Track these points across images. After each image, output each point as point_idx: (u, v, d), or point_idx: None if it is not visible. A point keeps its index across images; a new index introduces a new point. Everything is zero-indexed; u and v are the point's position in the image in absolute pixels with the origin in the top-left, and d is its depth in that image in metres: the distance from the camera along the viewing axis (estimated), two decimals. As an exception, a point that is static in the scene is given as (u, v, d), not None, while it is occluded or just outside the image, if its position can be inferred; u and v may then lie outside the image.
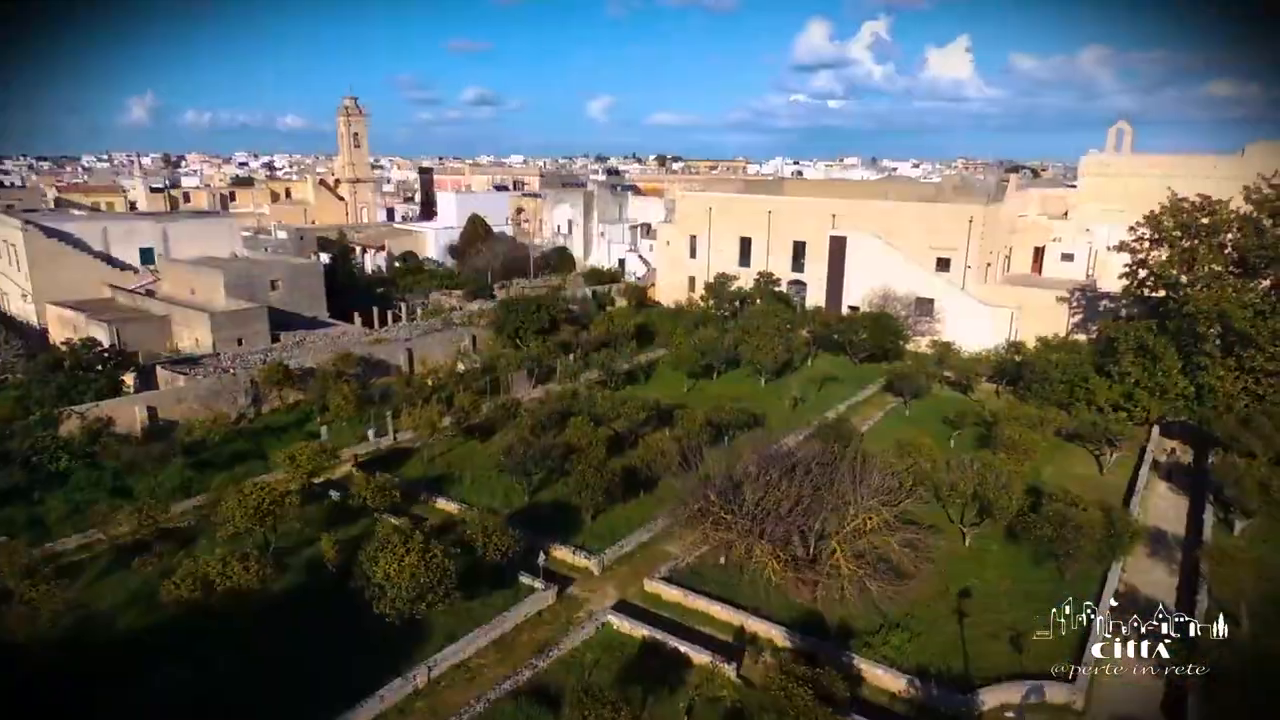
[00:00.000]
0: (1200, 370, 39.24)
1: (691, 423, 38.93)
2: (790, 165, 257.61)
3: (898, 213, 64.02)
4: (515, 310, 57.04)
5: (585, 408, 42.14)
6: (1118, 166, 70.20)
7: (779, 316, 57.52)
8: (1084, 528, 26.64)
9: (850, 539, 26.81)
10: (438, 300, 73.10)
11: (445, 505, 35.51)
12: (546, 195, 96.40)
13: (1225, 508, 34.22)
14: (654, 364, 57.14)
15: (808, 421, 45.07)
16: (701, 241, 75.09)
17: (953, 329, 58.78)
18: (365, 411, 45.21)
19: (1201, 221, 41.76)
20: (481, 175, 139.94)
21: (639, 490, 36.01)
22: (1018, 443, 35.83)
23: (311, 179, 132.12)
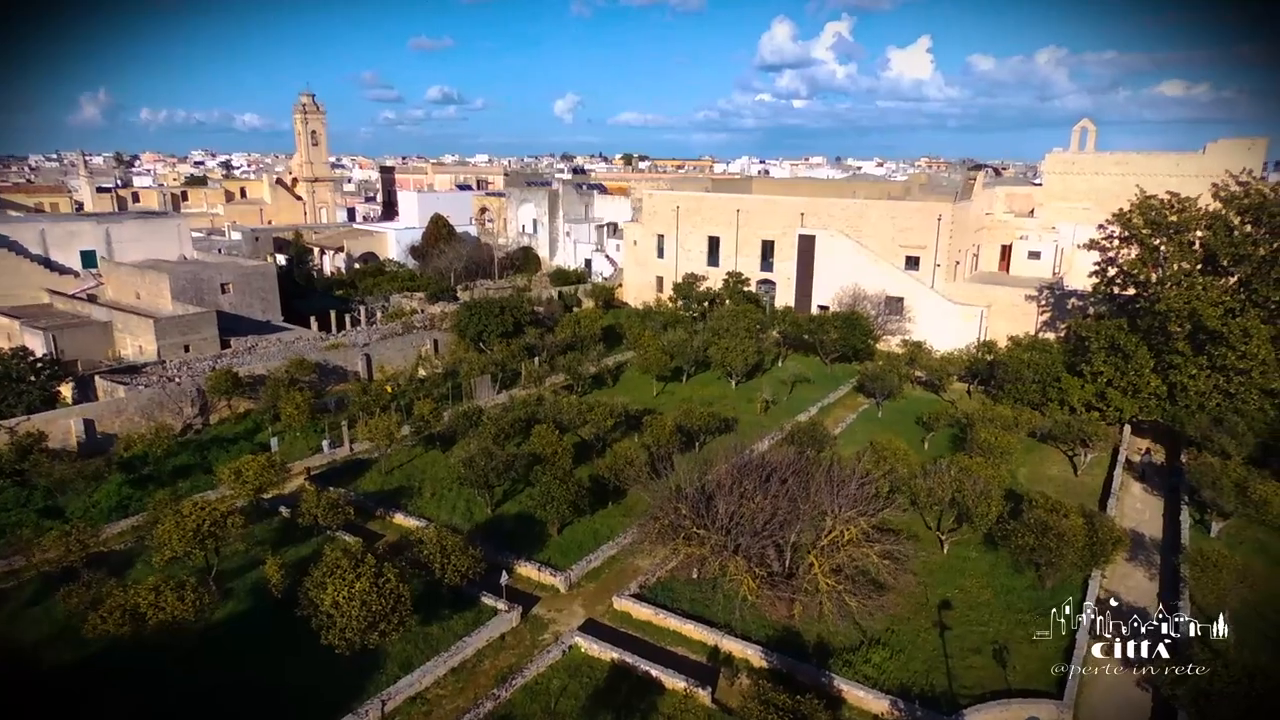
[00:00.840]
0: (1172, 369, 38.93)
1: (661, 429, 37.61)
2: (757, 164, 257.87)
3: (866, 211, 63.35)
4: (478, 313, 55.19)
5: (551, 414, 40.57)
6: (1082, 164, 70.41)
7: (749, 317, 56.44)
8: (1066, 536, 25.82)
9: (827, 551, 25.68)
10: (398, 303, 70.81)
11: (404, 520, 33.75)
12: (510, 194, 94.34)
13: (1201, 509, 33.89)
14: (622, 367, 55.76)
15: (780, 425, 44.03)
16: (669, 241, 73.85)
17: (923, 328, 58.25)
18: (320, 421, 43.17)
19: (1170, 219, 41.51)
20: (444, 174, 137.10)
21: (607, 500, 34.59)
22: (993, 446, 35.09)
23: (268, 178, 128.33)
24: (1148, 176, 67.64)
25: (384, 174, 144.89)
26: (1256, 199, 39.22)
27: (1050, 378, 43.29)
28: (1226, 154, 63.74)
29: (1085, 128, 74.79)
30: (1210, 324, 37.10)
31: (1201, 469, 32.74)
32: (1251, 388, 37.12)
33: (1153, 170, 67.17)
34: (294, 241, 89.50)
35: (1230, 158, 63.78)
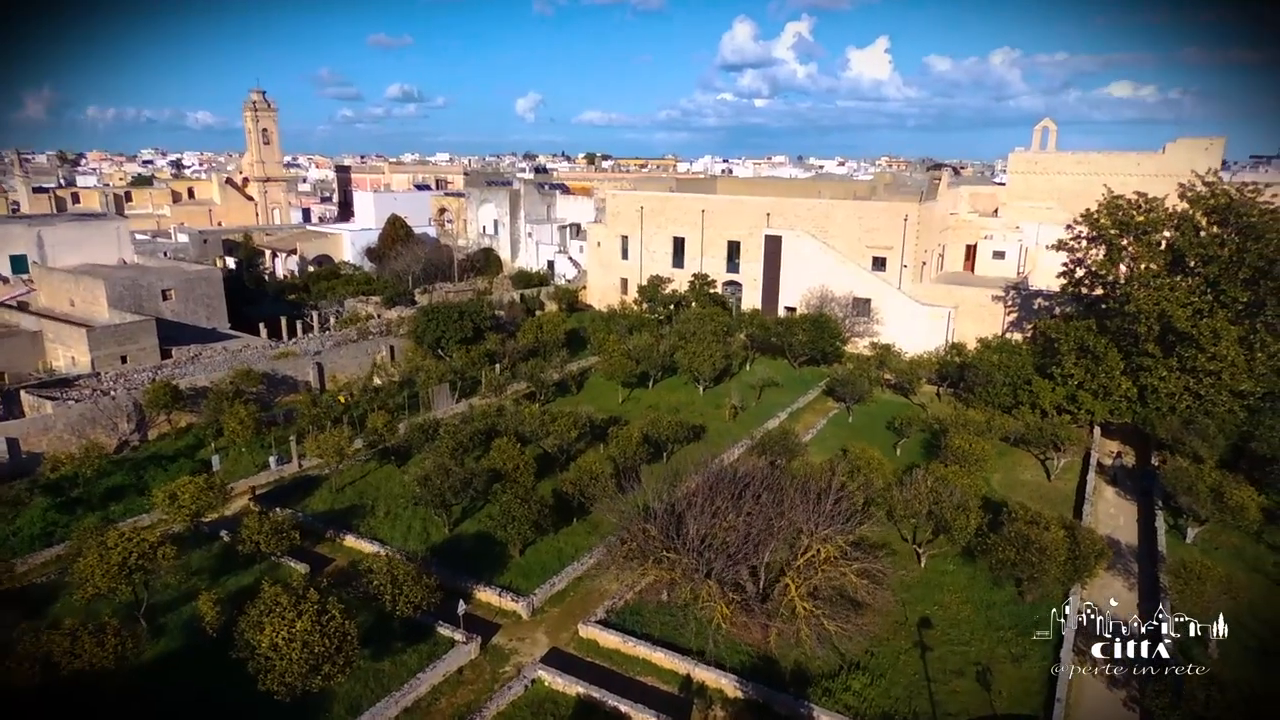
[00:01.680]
0: (1142, 371, 38.56)
1: (627, 441, 36.10)
2: (720, 163, 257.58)
3: (833, 211, 62.58)
4: (436, 318, 53.09)
5: (512, 425, 38.81)
6: (1044, 164, 70.63)
7: (715, 321, 55.23)
8: (1048, 550, 24.91)
9: (804, 572, 24.42)
10: (353, 308, 68.27)
11: (355, 543, 31.76)
12: (470, 194, 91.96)
13: (1175, 514, 33.44)
14: (587, 372, 54.12)
15: (750, 432, 42.87)
16: (633, 242, 72.39)
17: (891, 329, 57.63)
18: (267, 435, 40.85)
19: (1137, 220, 41.19)
20: (402, 174, 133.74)
21: (572, 516, 32.97)
22: (968, 453, 34.24)
23: (218, 178, 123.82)
24: (1109, 176, 68.07)
25: (340, 173, 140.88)
26: (1223, 199, 39.05)
27: (1021, 380, 42.75)
28: (1185, 153, 64.34)
29: (1046, 127, 75.13)
30: (1180, 325, 36.75)
31: (1176, 474, 32.22)
32: (1221, 389, 36.88)
33: (1114, 170, 67.60)
34: (243, 244, 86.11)
35: (1189, 157, 64.38)
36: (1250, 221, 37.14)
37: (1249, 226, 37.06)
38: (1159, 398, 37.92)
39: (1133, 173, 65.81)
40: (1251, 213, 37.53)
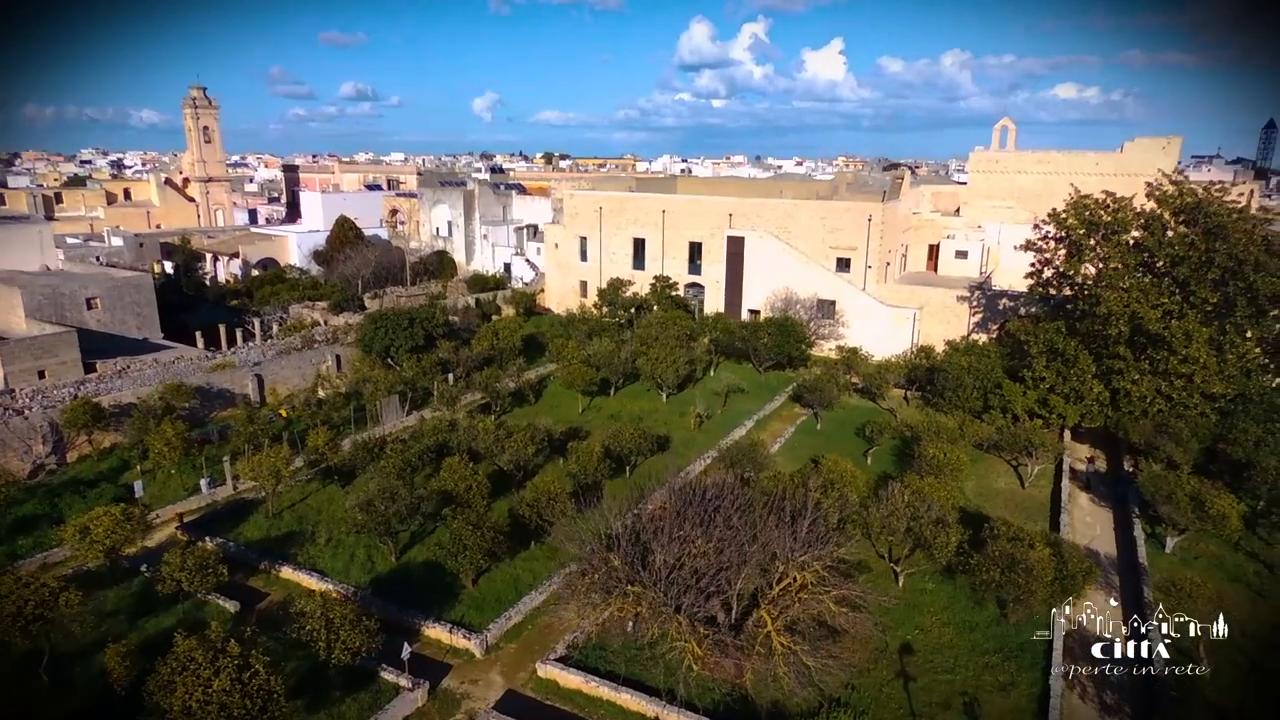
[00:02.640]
0: (1114, 374, 37.78)
1: (588, 456, 34.03)
2: (679, 163, 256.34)
3: (795, 211, 61.28)
4: (384, 326, 50.33)
5: (464, 441, 36.47)
6: (1005, 163, 70.43)
7: (678, 325, 53.41)
8: (1034, 570, 23.55)
9: (779, 601, 22.68)
10: (298, 314, 64.96)
11: (292, 575, 29.17)
12: (423, 195, 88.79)
13: (1152, 521, 32.59)
14: (545, 380, 51.88)
15: (716, 442, 41.13)
16: (592, 243, 70.26)
17: (856, 332, 56.51)
18: (198, 456, 37.87)
19: (1104, 219, 40.45)
20: (353, 174, 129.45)
21: (529, 540, 30.78)
22: (943, 463, 32.93)
23: (156, 178, 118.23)
24: (1068, 175, 68.09)
25: (287, 173, 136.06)
26: (1190, 199, 38.49)
27: (991, 384, 41.75)
28: (1144, 153, 64.60)
29: (1006, 126, 75.06)
30: (1151, 327, 36.01)
31: (1155, 482, 31.32)
32: (1193, 391, 36.23)
33: (1073, 169, 67.65)
34: (182, 247, 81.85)
35: (1147, 156, 64.66)
36: (1219, 221, 36.57)
37: (1217, 227, 36.49)
38: (1131, 401, 37.15)
39: (1092, 172, 65.88)
40: (1220, 212, 36.99)
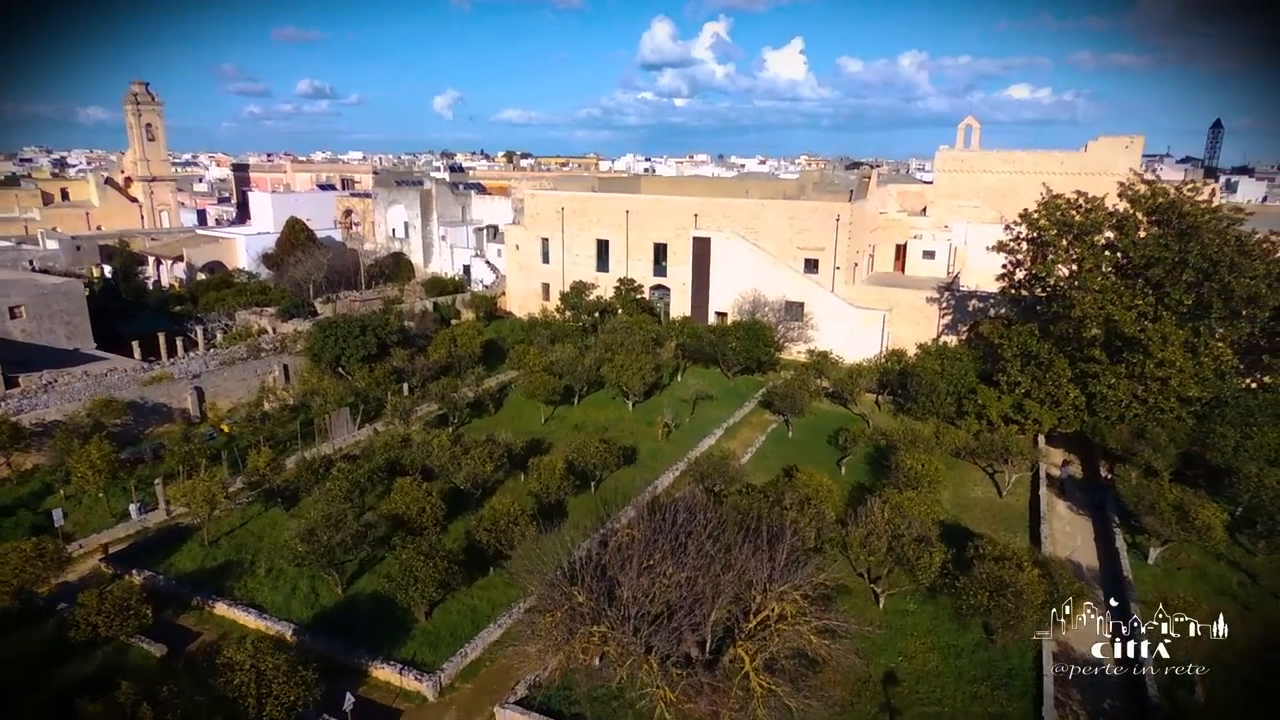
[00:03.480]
0: (1090, 378, 36.94)
1: (550, 473, 32.07)
2: (642, 162, 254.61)
3: (762, 211, 59.93)
4: (334, 333, 47.72)
5: (418, 458, 34.28)
6: (970, 162, 69.94)
7: (644, 330, 51.70)
8: (1024, 594, 22.26)
9: (756, 635, 21.01)
10: (245, 321, 61.79)
11: (228, 611, 26.79)
12: (378, 195, 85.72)
13: (1132, 530, 31.72)
14: (506, 388, 49.75)
15: (684, 454, 39.51)
16: (554, 245, 68.17)
17: (826, 334, 55.35)
18: (127, 478, 35.09)
19: (1076, 219, 39.63)
20: (305, 173, 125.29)
21: (488, 565, 28.75)
22: (920, 474, 31.65)
23: (95, 178, 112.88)
24: (1033, 174, 67.87)
25: (237, 172, 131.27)
26: (1162, 199, 37.82)
27: (965, 389, 40.74)
28: (1107, 151, 64.54)
29: (970, 125, 74.61)
30: (1127, 330, 35.20)
31: (1138, 491, 30.42)
32: (1169, 395, 35.52)
33: (1038, 168, 67.36)
34: (121, 250, 77.79)
35: (1110, 155, 64.67)
36: (1193, 222, 35.91)
37: (1191, 227, 35.83)
38: (1108, 406, 36.32)
39: (1057, 171, 65.60)
40: (1193, 212, 36.34)
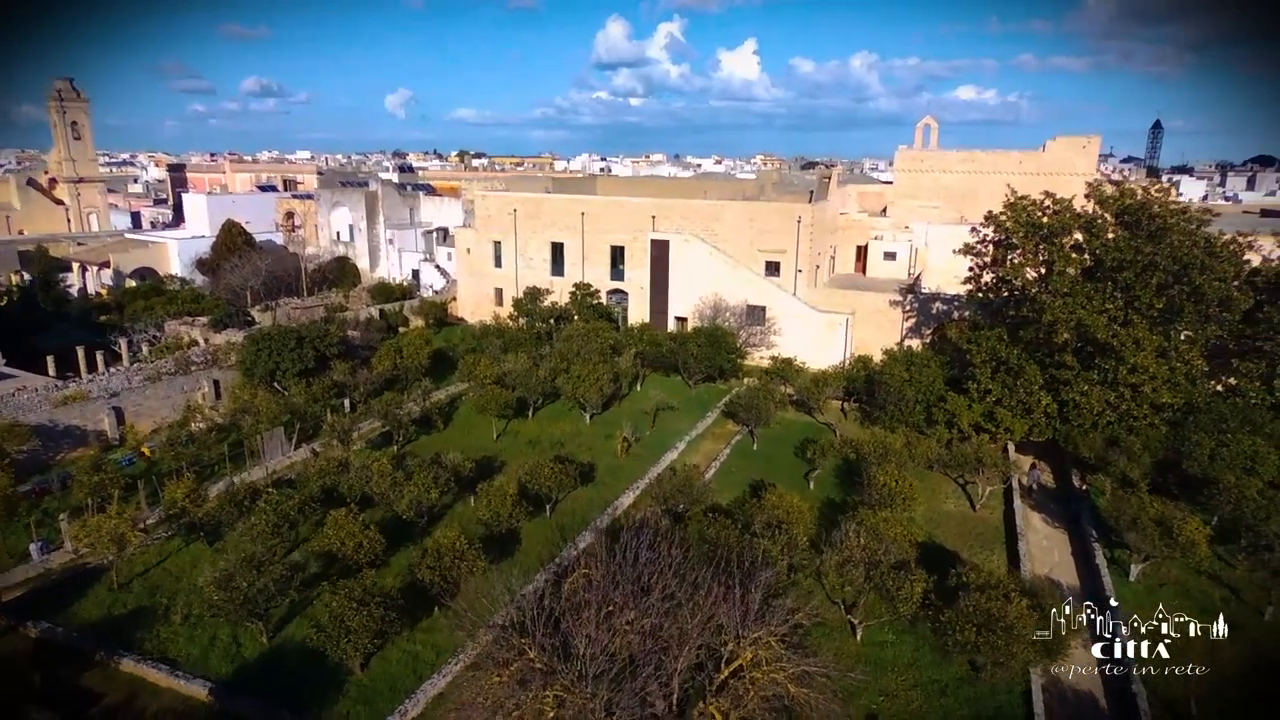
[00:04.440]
0: (1062, 385, 35.82)
1: (501, 499, 29.60)
2: (598, 161, 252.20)
3: (721, 212, 58.15)
4: (268, 346, 44.44)
5: (356, 484, 31.50)
6: (930, 162, 69.04)
7: (601, 337, 49.41)
8: (1015, 629, 20.60)
9: (729, 686, 18.97)
10: (175, 332, 57.86)
11: (135, 669, 23.83)
12: (320, 196, 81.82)
13: (1110, 543, 30.57)
14: (457, 401, 47.02)
15: (646, 470, 37.40)
16: (507, 248, 65.48)
17: (789, 339, 53.77)
18: (27, 514, 31.66)
19: (1042, 220, 38.55)
20: (245, 173, 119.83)
21: (431, 605, 26.20)
22: (894, 491, 30.01)
23: (17, 179, 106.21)
24: (993, 174, 67.29)
25: (173, 173, 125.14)
26: (1130, 199, 36.92)
27: (934, 397, 39.39)
28: (1064, 151, 64.20)
29: (929, 124, 73.85)
30: (1100, 335, 34.11)
31: (1118, 505, 29.19)
32: (1142, 402, 34.56)
33: (997, 168, 66.78)
34: (40, 256, 72.72)
35: (1068, 156, 64.35)
36: (1163, 223, 35.02)
37: (1160, 229, 34.92)
38: (1081, 414, 35.21)
39: (1015, 171, 65.01)
40: (1163, 214, 35.46)
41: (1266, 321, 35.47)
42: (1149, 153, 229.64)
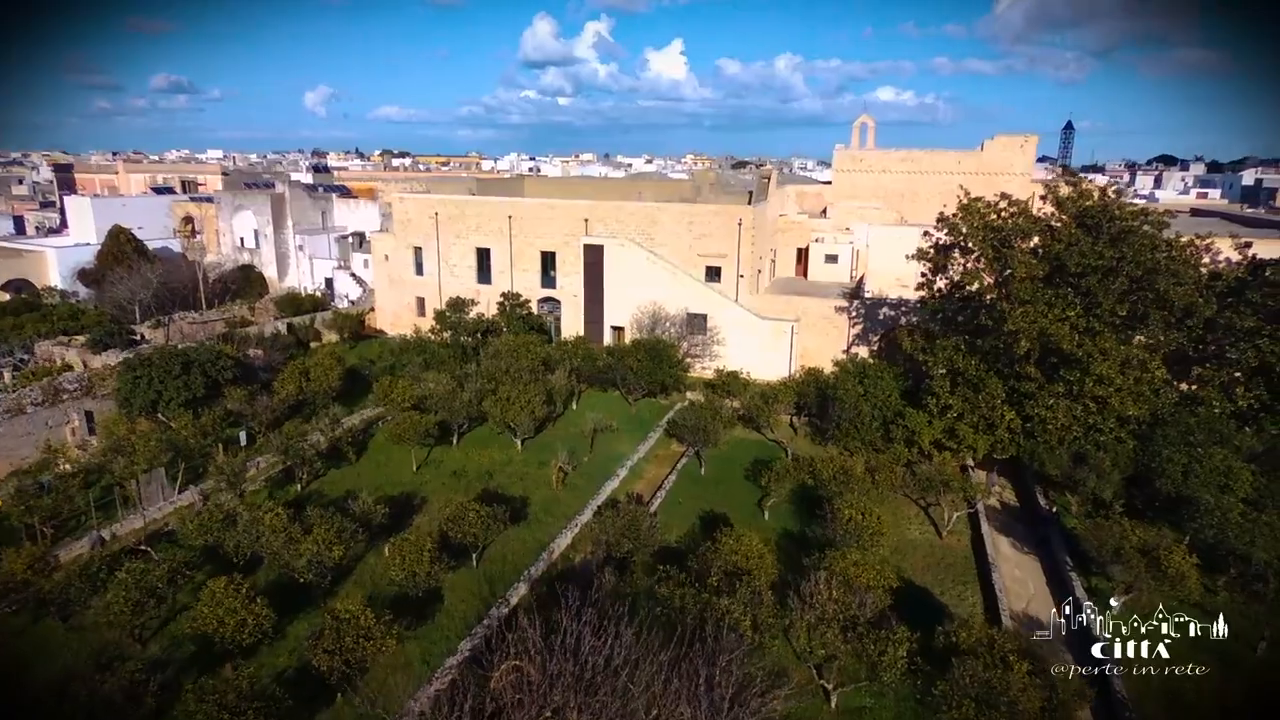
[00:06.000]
0: (1027, 399, 33.73)
1: (417, 554, 25.36)
2: (527, 161, 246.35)
3: (659, 215, 54.86)
4: (149, 373, 38.88)
5: (245, 541, 26.78)
6: (869, 161, 67.56)
7: (532, 352, 45.40)
8: (1020, 704, 17.78)
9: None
10: (48, 354, 51.12)
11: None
12: (220, 200, 75.01)
13: (1085, 571, 28.47)
14: (372, 427, 42.32)
15: (585, 503, 33.72)
16: (429, 254, 60.75)
17: (733, 349, 50.89)
18: None
19: (994, 221, 36.47)
20: (140, 173, 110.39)
21: (331, 693, 21.93)
22: (863, 526, 27.14)
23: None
24: (932, 174, 66.31)
25: (59, 173, 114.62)
26: (1089, 200, 35.12)
27: (892, 413, 36.92)
28: (1002, 151, 63.51)
29: (865, 123, 72.48)
30: (1065, 346, 32.08)
31: (1099, 534, 27.00)
32: (1108, 415, 32.72)
33: (936, 168, 65.76)
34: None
35: (1006, 155, 63.70)
36: (1125, 226, 33.26)
37: (1126, 231, 33.16)
38: (1048, 430, 33.15)
39: (954, 170, 64.11)
40: (1124, 216, 33.74)
41: (1228, 327, 34.14)
42: (1061, 152, 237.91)
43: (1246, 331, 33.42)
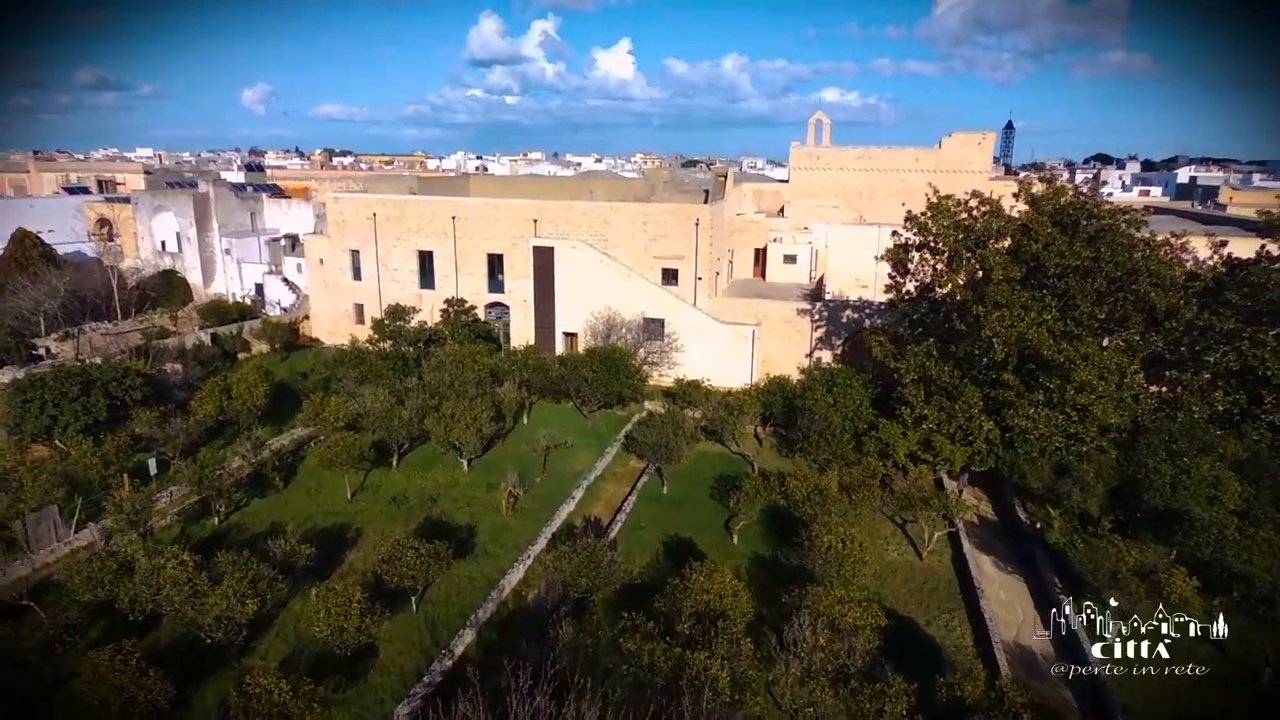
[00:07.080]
0: (1006, 408, 31.96)
1: (344, 609, 22.08)
2: (474, 160, 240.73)
3: (612, 215, 52.09)
4: (41, 395, 34.55)
5: (143, 595, 23.14)
6: (826, 159, 65.77)
7: (479, 363, 42.19)
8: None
9: None
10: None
11: None
12: (139, 200, 69.49)
13: (1076, 593, 26.68)
14: (304, 448, 38.65)
15: (538, 531, 30.79)
16: (367, 258, 56.87)
17: (692, 355, 48.43)
18: None
19: (968, 222, 34.72)
20: (52, 173, 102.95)
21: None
22: (843, 555, 24.83)
23: None
24: (890, 172, 64.87)
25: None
26: (1065, 198, 33.59)
27: (864, 424, 34.86)
28: (961, 148, 62.35)
29: (820, 120, 70.66)
30: (1045, 352, 30.36)
31: (1094, 557, 25.20)
32: (1090, 424, 31.13)
33: (894, 165, 64.36)
34: None
35: (965, 153, 62.55)
36: (1104, 224, 31.74)
37: (1104, 229, 31.62)
38: (1029, 441, 31.40)
39: (913, 168, 62.84)
40: (1102, 214, 32.24)
41: (1206, 329, 32.90)
42: (1003, 151, 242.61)
43: (1226, 334, 32.21)
